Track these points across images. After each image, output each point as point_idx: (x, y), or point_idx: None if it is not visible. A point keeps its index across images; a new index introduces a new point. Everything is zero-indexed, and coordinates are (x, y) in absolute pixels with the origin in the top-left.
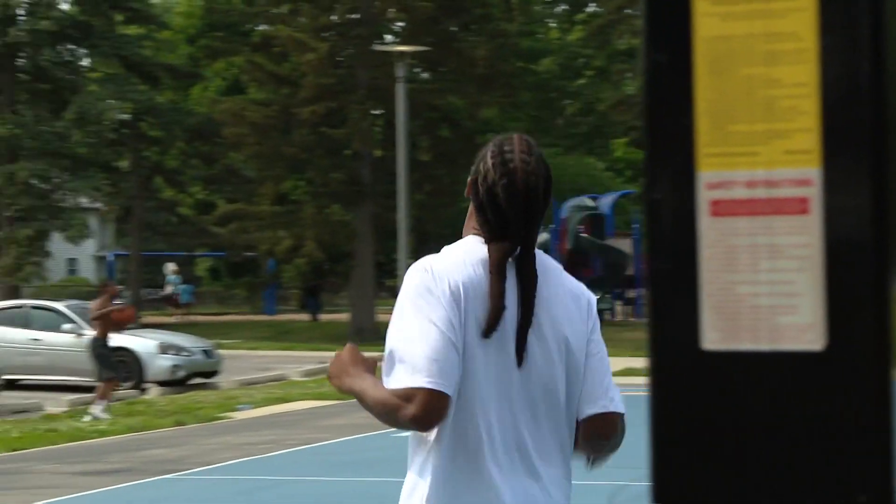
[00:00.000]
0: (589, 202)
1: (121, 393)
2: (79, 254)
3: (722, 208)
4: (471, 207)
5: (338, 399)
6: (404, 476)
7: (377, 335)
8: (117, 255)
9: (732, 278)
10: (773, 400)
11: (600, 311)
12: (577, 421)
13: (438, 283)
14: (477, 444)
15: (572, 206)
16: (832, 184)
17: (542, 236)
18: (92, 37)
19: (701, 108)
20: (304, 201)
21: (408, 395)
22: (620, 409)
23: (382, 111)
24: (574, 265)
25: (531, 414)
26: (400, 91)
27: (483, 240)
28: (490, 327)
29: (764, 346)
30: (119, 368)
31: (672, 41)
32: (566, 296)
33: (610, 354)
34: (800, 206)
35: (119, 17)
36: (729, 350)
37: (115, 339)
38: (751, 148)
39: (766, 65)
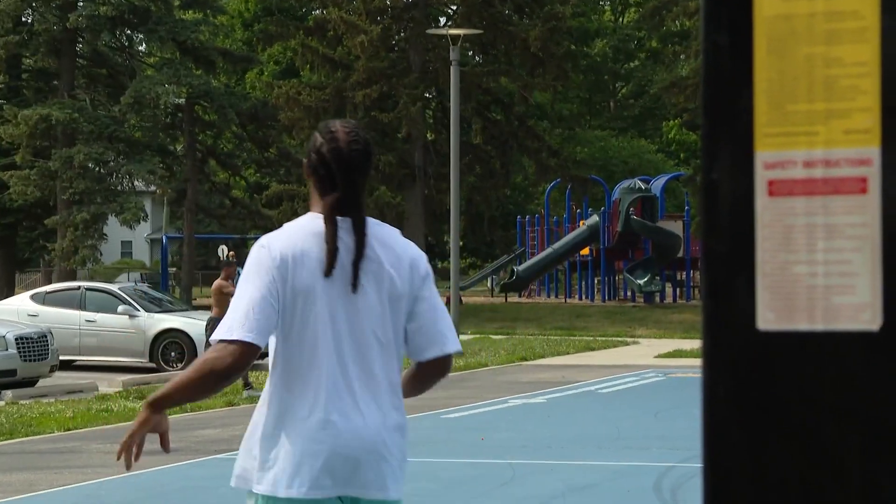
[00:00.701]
0: (640, 184)
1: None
2: (133, 236)
3: (779, 188)
4: (311, 188)
5: None
6: (453, 457)
7: None
8: (171, 238)
9: (788, 258)
10: (828, 380)
11: (649, 294)
12: (418, 363)
13: (269, 256)
14: (310, 376)
15: (623, 188)
16: (891, 163)
17: (592, 218)
18: (149, 22)
19: (760, 87)
20: None
21: (223, 347)
22: (454, 348)
23: (434, 94)
24: (624, 247)
25: (363, 348)
26: (453, 74)
27: (316, 214)
28: (329, 266)
29: (819, 326)
30: None
31: (732, 21)
32: (394, 251)
33: (659, 336)
34: (858, 186)
35: (176, 2)
36: (784, 330)
37: (167, 321)
38: (810, 127)
39: (826, 44)
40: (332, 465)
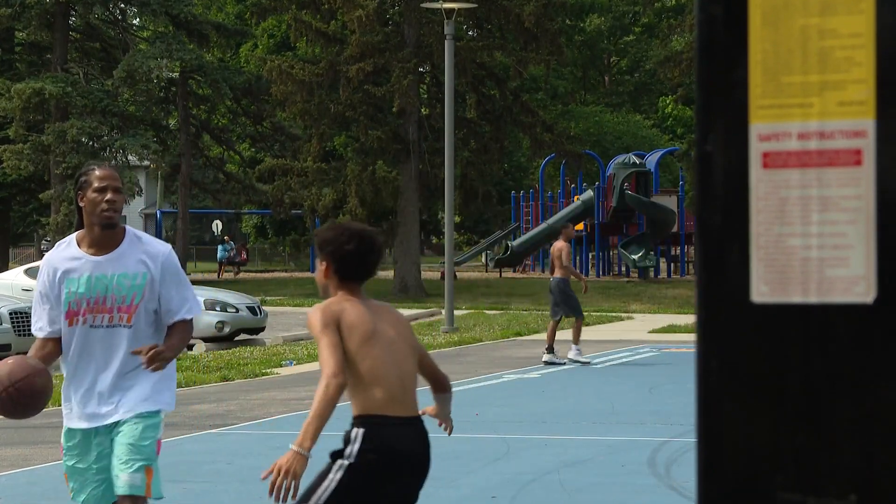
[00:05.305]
0: (635, 159)
1: None
2: (127, 211)
3: (773, 160)
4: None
5: None
6: (440, 431)
7: (421, 292)
8: (165, 213)
9: (783, 231)
10: (822, 353)
11: (644, 269)
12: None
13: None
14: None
15: (618, 164)
16: (886, 135)
17: (587, 193)
18: None
19: (755, 59)
20: (349, 158)
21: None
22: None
23: (429, 69)
24: (619, 222)
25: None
26: (447, 48)
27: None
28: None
29: (813, 298)
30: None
31: None
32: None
33: (653, 312)
34: (853, 158)
35: None
36: (779, 303)
37: None
38: (804, 99)
39: (821, 15)
40: None
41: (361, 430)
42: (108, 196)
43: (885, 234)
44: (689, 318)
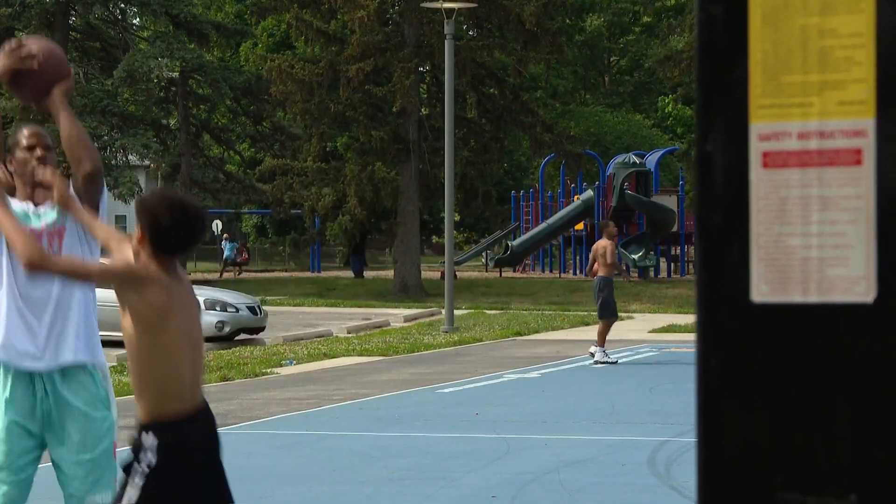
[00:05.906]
0: (635, 159)
1: None
2: (127, 211)
3: (773, 160)
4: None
5: (381, 355)
6: (448, 432)
7: (421, 291)
8: None
9: (783, 230)
10: (822, 353)
11: (644, 269)
12: None
13: None
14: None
15: (618, 163)
16: (886, 135)
17: (587, 193)
18: None
19: (755, 59)
20: (349, 158)
21: None
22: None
23: (429, 68)
24: (619, 221)
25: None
26: (447, 48)
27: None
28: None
29: (814, 298)
30: (616, 311)
31: None
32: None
33: (653, 311)
34: (853, 158)
35: None
36: (779, 302)
37: None
38: (804, 99)
39: (821, 14)
40: None
41: (153, 438)
42: (38, 153)
43: (885, 234)
44: (689, 318)
